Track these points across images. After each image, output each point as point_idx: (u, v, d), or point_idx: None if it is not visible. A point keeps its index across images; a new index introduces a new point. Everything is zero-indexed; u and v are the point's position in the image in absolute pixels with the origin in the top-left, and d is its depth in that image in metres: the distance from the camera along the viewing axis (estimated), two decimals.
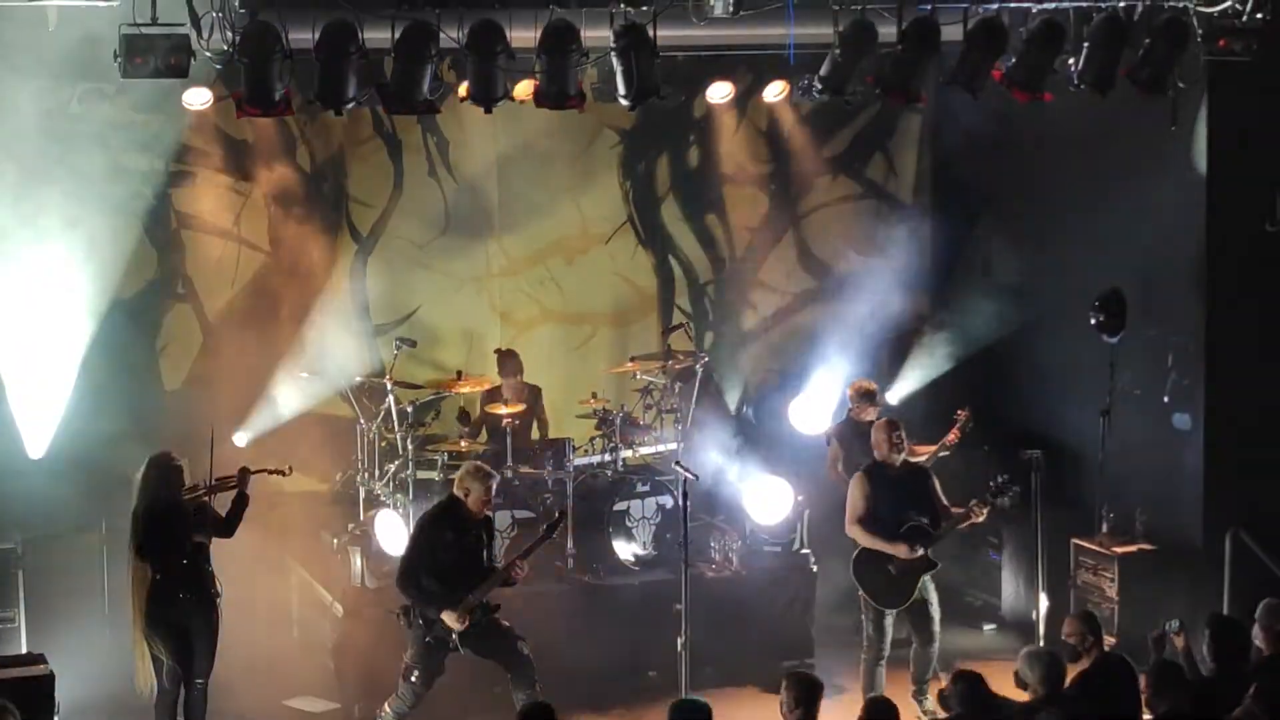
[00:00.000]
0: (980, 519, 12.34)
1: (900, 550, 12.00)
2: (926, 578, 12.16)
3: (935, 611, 12.26)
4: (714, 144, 16.07)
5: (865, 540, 12.14)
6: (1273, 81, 12.69)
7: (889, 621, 12.25)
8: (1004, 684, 9.66)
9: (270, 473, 11.89)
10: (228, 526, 11.46)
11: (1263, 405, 13.24)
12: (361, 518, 13.65)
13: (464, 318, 15.73)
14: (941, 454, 13.58)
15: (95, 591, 13.34)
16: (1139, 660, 10.13)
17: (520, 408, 14.03)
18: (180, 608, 11.24)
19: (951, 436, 13.64)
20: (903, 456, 12.27)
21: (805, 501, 14.12)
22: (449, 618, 11.23)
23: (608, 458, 13.92)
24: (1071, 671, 9.75)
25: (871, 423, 13.73)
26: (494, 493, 11.58)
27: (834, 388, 15.48)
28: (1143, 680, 9.38)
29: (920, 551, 12.01)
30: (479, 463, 11.72)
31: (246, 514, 11.53)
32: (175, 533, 11.23)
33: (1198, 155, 13.34)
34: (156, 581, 11.23)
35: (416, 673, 11.36)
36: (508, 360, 14.48)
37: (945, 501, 12.34)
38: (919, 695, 12.37)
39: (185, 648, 11.31)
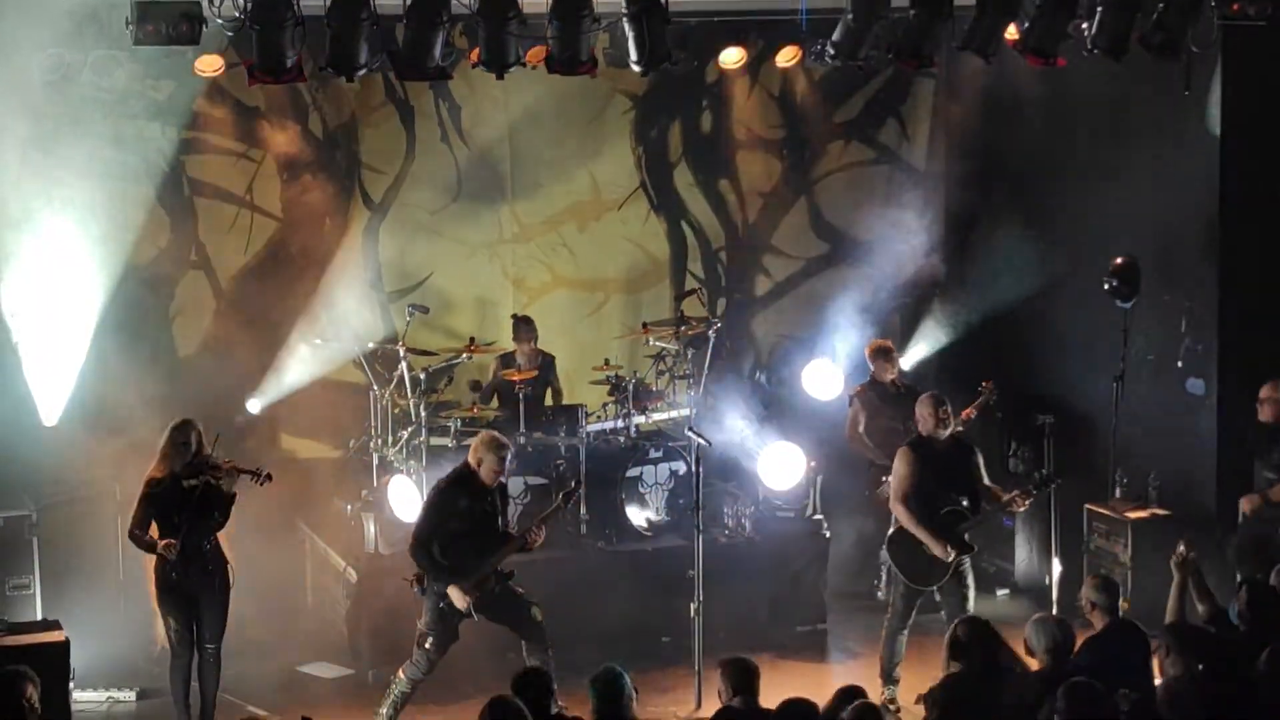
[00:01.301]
0: (1021, 509, 12.23)
1: (938, 550, 11.73)
2: (965, 560, 11.90)
3: (971, 594, 11.98)
4: (726, 109, 16.04)
5: (909, 525, 11.84)
6: None
7: (918, 597, 12.14)
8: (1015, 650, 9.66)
9: (250, 476, 11.39)
10: (219, 520, 11.47)
11: (1276, 370, 13.21)
12: (375, 484, 13.69)
13: (476, 284, 15.72)
14: (956, 429, 13.52)
15: (109, 557, 13.37)
16: (1151, 626, 10.14)
17: (533, 373, 14.04)
18: (183, 576, 11.29)
19: (968, 413, 13.62)
20: (949, 431, 11.98)
21: (818, 467, 14.13)
22: (455, 595, 11.25)
23: (620, 424, 13.95)
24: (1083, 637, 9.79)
25: (893, 382, 13.79)
26: (508, 464, 11.58)
27: (848, 353, 15.51)
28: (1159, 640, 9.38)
29: (952, 556, 11.74)
30: (495, 434, 11.69)
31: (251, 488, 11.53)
32: (177, 509, 11.25)
33: (1211, 120, 13.31)
34: (158, 553, 11.28)
35: (431, 639, 11.38)
36: (523, 327, 14.49)
37: (987, 480, 12.11)
38: None
39: (194, 614, 11.39)
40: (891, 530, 12.12)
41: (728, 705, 8.91)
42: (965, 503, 11.88)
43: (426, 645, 11.38)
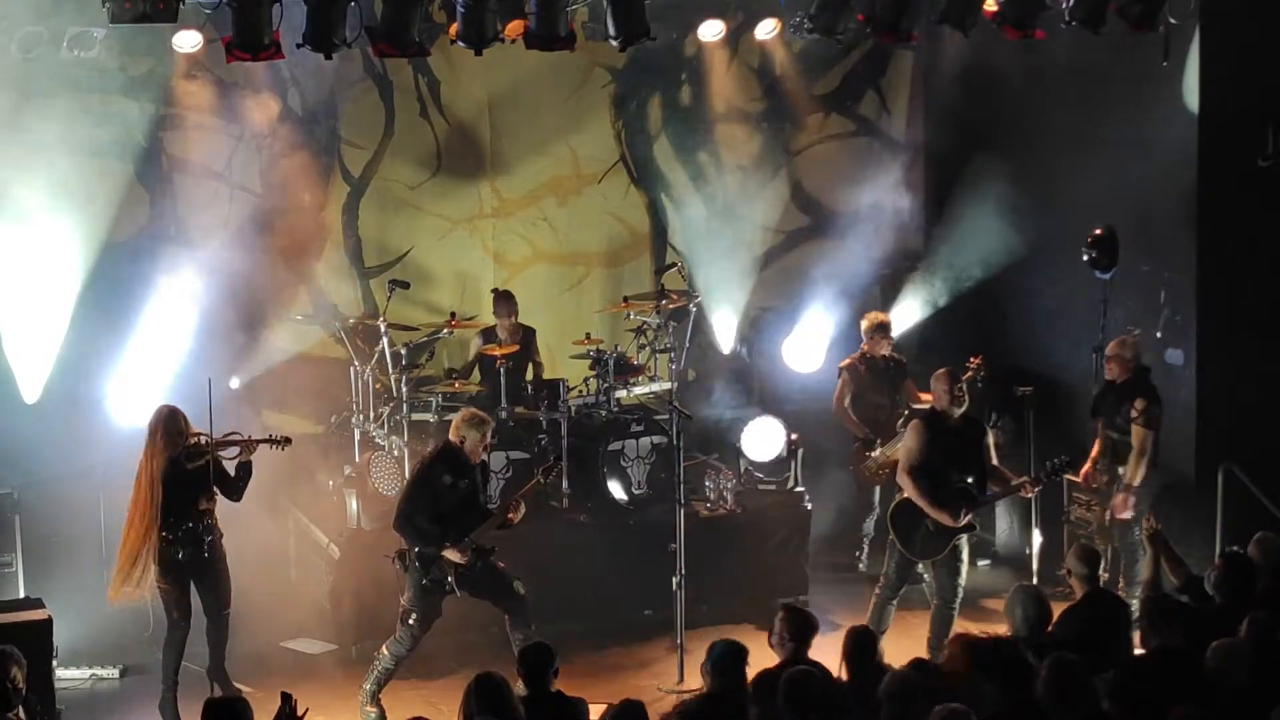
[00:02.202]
0: (1030, 495, 12.26)
1: (944, 518, 11.74)
2: (962, 538, 11.94)
3: (964, 570, 12.01)
4: (706, 82, 16.00)
5: (913, 494, 11.84)
6: (1264, 16, 12.67)
7: (912, 570, 12.19)
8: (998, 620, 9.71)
9: (271, 444, 11.77)
10: (233, 491, 11.59)
11: (1254, 340, 13.27)
12: (357, 460, 13.70)
13: (457, 259, 15.70)
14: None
15: (92, 535, 13.38)
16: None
17: (514, 348, 14.05)
18: (190, 555, 11.37)
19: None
20: (962, 410, 11.93)
21: (799, 440, 14.16)
22: (451, 553, 11.27)
23: (602, 398, 13.96)
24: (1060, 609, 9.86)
25: (884, 356, 13.74)
26: (489, 439, 11.61)
27: (827, 326, 15.54)
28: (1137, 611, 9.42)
29: (964, 519, 11.80)
30: (476, 410, 11.75)
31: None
32: (177, 497, 11.31)
33: (1189, 91, 13.33)
34: (162, 538, 11.30)
35: (414, 615, 11.41)
36: (503, 301, 14.49)
37: (995, 461, 12.15)
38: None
39: (199, 587, 11.50)
40: (895, 501, 12.13)
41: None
42: (971, 481, 11.88)
43: (410, 622, 11.41)
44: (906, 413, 13.52)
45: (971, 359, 13.55)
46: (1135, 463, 12.60)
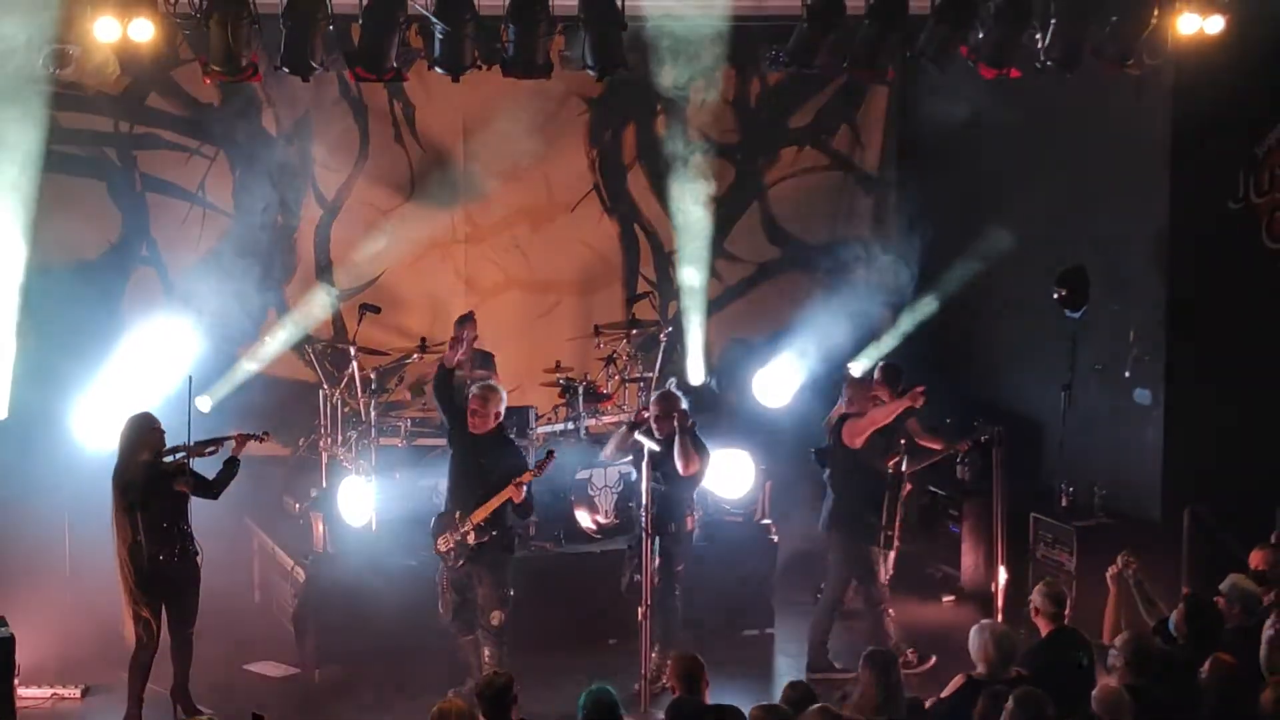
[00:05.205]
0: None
1: None
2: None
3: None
4: (681, 113, 16.03)
5: None
6: (1237, 59, 12.73)
7: None
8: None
9: (252, 438, 11.86)
10: (213, 489, 11.57)
11: (1222, 382, 13.32)
12: (324, 483, 13.66)
13: (428, 284, 15.71)
14: (949, 452, 13.39)
15: (57, 554, 13.33)
16: (1094, 634, 10.22)
17: (486, 375, 14.03)
18: (161, 567, 11.32)
19: (963, 446, 13.60)
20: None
21: (767, 472, 14.16)
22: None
23: (570, 426, 13.95)
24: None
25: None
26: (490, 405, 11.75)
27: (798, 359, 15.54)
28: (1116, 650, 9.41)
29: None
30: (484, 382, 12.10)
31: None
32: (155, 497, 11.28)
33: (1162, 132, 13.39)
34: (137, 542, 11.27)
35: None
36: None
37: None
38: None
39: (170, 602, 11.45)
40: None
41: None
42: None
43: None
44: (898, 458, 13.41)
45: (976, 422, 13.51)
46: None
